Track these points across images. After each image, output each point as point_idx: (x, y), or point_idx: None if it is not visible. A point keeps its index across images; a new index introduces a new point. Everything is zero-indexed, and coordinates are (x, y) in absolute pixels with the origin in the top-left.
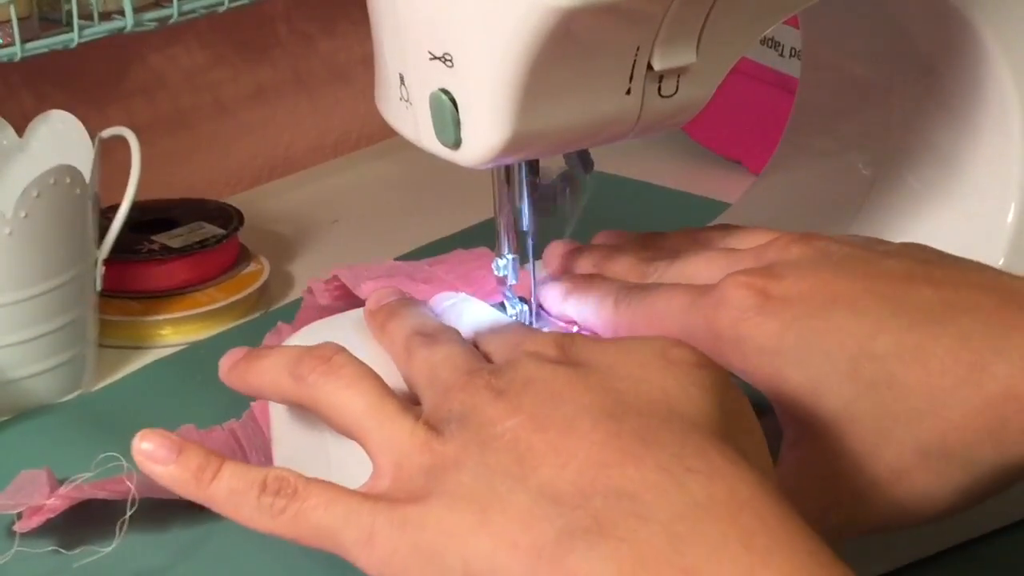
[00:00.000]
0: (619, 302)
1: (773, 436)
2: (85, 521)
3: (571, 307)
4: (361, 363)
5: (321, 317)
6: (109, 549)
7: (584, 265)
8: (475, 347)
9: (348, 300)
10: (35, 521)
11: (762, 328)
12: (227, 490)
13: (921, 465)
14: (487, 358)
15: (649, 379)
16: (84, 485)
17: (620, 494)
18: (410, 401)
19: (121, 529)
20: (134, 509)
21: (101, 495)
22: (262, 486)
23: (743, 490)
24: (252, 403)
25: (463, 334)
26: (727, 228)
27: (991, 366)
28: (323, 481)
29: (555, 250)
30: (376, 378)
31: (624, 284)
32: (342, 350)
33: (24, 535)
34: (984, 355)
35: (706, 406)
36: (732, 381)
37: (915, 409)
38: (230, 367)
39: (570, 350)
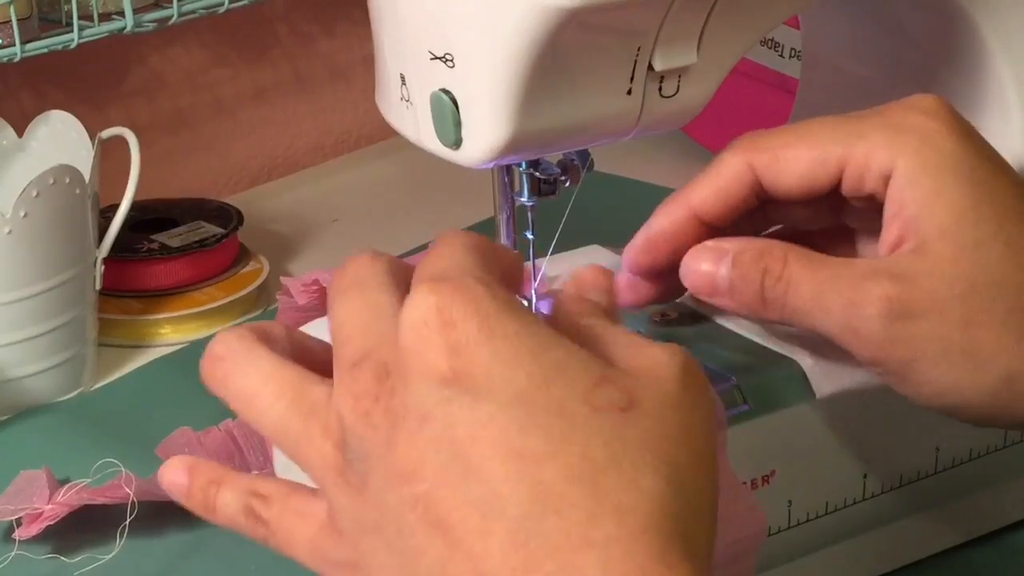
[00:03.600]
0: (740, 147)
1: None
2: (84, 526)
3: (667, 207)
4: (250, 357)
5: (300, 318)
6: (109, 556)
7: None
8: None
9: (327, 301)
10: (34, 528)
11: (950, 143)
12: (225, 519)
13: (995, 328)
14: None
15: (569, 441)
16: (83, 491)
17: None
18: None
19: (122, 536)
20: (133, 515)
21: (100, 501)
22: (245, 512)
23: None
24: None
25: None
26: None
27: None
28: (284, 503)
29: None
30: (271, 379)
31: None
32: (228, 344)
33: (23, 540)
34: None
35: (636, 475)
36: (666, 397)
37: (1021, 286)
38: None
39: (464, 357)
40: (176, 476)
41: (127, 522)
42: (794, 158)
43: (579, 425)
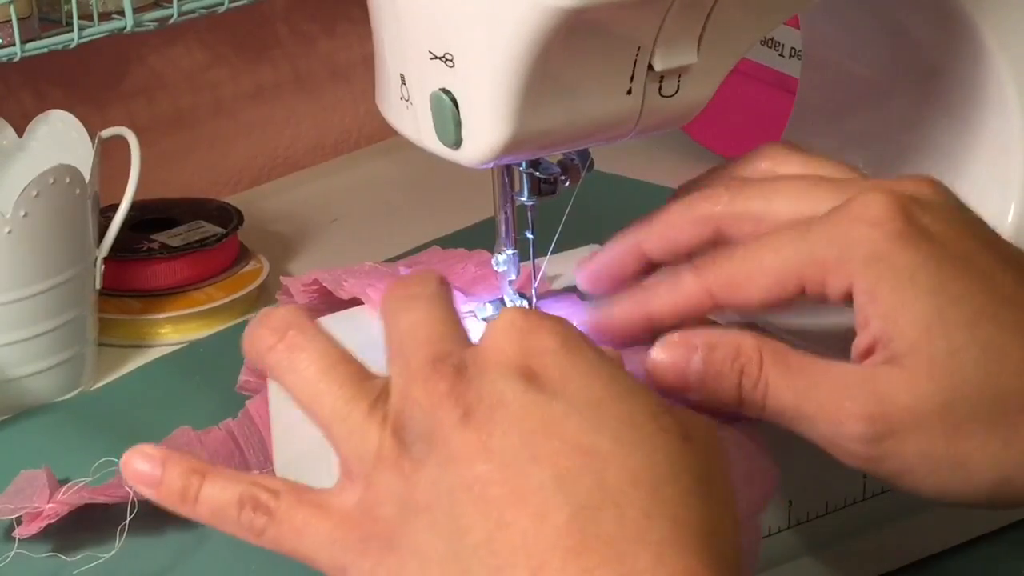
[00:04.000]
0: (699, 269)
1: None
2: (84, 525)
3: (626, 305)
4: (318, 340)
5: None
6: (109, 555)
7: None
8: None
9: (327, 301)
10: (35, 527)
11: (904, 255)
12: (209, 510)
13: (980, 437)
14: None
15: (636, 449)
16: (83, 490)
17: None
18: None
19: (121, 535)
20: (134, 514)
21: (100, 500)
22: (240, 503)
23: None
24: (248, 402)
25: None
26: (777, 154)
27: None
28: (297, 496)
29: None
30: (336, 366)
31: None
32: (294, 321)
33: (23, 539)
34: None
35: (689, 495)
36: (711, 443)
37: (1003, 389)
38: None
39: (543, 361)
40: (144, 465)
41: (127, 521)
42: (750, 283)
43: (646, 438)
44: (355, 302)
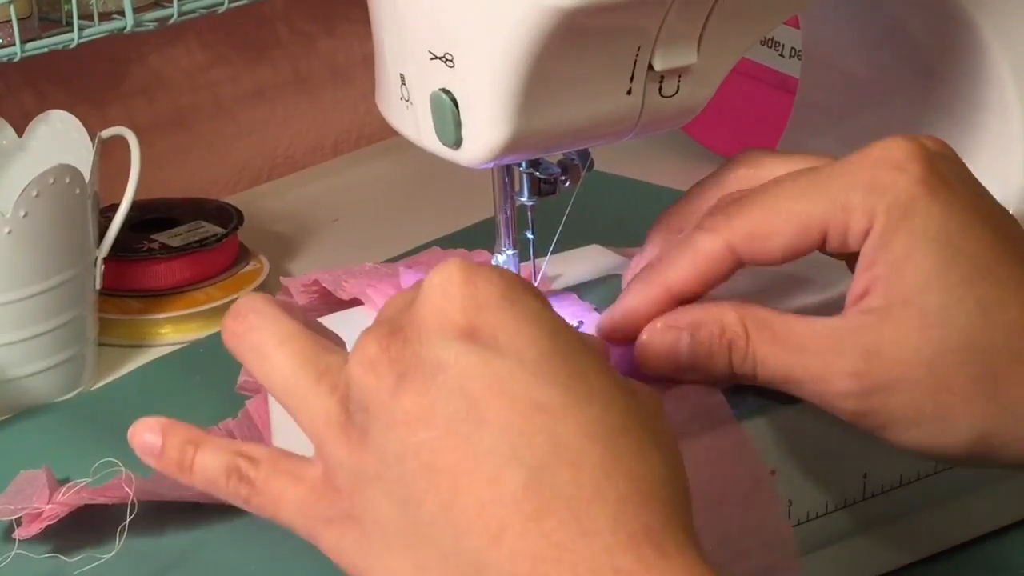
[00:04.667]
0: (714, 227)
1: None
2: (84, 526)
3: (642, 287)
4: (274, 319)
5: None
6: (109, 556)
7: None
8: None
9: (327, 301)
10: (34, 528)
11: (924, 203)
12: (202, 480)
13: (964, 391)
14: None
15: (589, 401)
16: (83, 490)
17: None
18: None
19: (121, 535)
20: (134, 515)
21: (100, 500)
22: (227, 473)
23: None
24: (248, 402)
25: None
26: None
27: None
28: (274, 465)
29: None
30: (291, 340)
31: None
32: (254, 305)
33: (23, 539)
34: None
35: (642, 447)
36: (656, 400)
37: (992, 346)
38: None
39: (485, 316)
40: (148, 437)
41: (127, 522)
42: (774, 234)
43: (597, 390)
44: (355, 302)
